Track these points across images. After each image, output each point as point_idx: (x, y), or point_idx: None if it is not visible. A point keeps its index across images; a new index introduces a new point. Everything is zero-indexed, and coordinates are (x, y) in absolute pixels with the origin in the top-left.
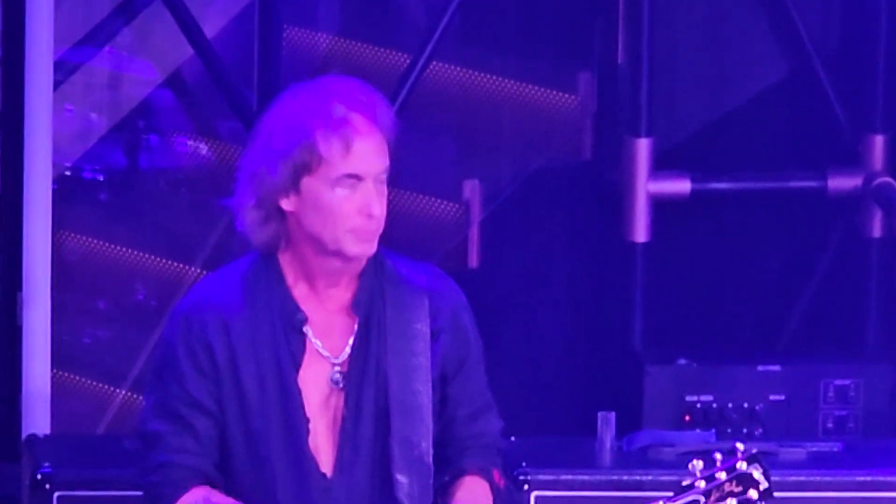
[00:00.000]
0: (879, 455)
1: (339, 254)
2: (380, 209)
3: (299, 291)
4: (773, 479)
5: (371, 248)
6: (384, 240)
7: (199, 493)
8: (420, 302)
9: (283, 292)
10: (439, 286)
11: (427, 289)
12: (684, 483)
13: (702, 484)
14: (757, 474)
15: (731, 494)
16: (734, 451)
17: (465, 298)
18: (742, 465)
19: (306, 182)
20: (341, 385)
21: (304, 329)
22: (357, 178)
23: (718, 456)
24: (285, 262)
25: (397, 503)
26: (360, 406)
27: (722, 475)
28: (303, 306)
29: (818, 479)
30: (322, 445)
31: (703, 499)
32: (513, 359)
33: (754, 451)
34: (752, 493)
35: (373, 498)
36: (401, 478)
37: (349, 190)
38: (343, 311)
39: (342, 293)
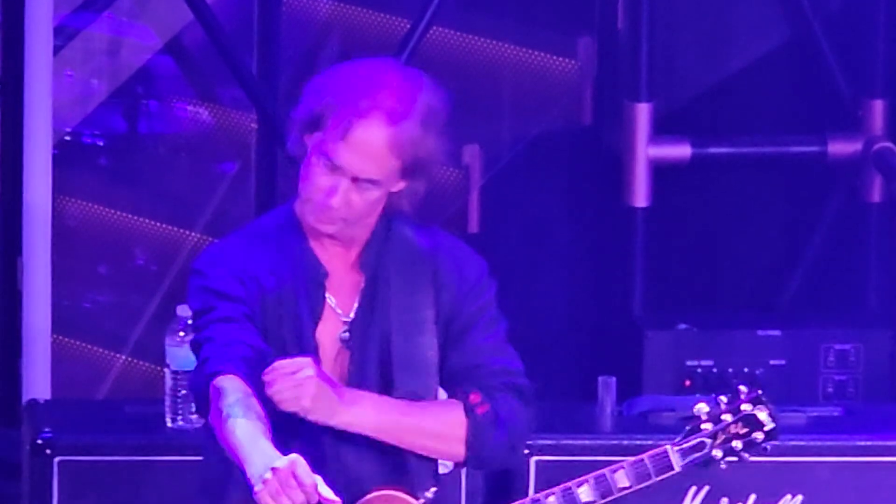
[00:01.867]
0: (879, 420)
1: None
2: (337, 202)
3: (317, 246)
4: (773, 443)
5: (326, 228)
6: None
7: (242, 389)
8: (423, 261)
9: (304, 246)
10: (443, 248)
11: (431, 248)
12: (688, 427)
13: (708, 426)
14: (762, 415)
15: (737, 436)
16: (738, 392)
17: (470, 250)
18: (747, 407)
19: (311, 137)
20: (349, 343)
21: (325, 285)
22: (334, 165)
23: (723, 398)
24: (299, 211)
25: (402, 459)
26: (364, 362)
27: (728, 417)
28: (323, 262)
29: (818, 443)
30: None
31: (709, 441)
32: (513, 324)
33: (759, 392)
34: (758, 435)
35: (380, 451)
36: None
37: (327, 169)
38: (352, 269)
39: (349, 252)
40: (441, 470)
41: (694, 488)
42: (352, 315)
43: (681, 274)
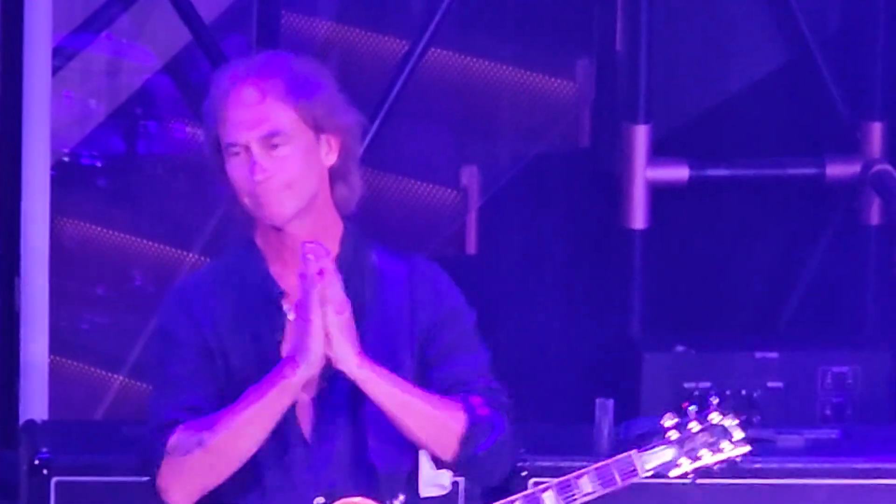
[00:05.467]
0: (877, 442)
1: (260, 221)
2: (261, 176)
3: (276, 269)
4: (771, 465)
5: (279, 211)
6: (380, 226)
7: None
8: (399, 285)
9: (261, 270)
10: (419, 270)
11: (406, 271)
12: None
13: (675, 434)
14: (731, 426)
15: (705, 444)
16: (708, 403)
17: (448, 279)
18: (715, 417)
19: (217, 152)
20: None
21: (283, 304)
22: (238, 146)
23: (693, 408)
24: (261, 241)
25: (373, 468)
26: (334, 378)
27: (694, 426)
28: (281, 283)
29: (816, 466)
30: (302, 415)
31: (674, 448)
32: (511, 345)
33: (730, 402)
34: (726, 445)
35: (351, 462)
36: (374, 444)
37: (237, 158)
38: None
39: None
40: (429, 492)
41: None
42: None
43: (679, 296)
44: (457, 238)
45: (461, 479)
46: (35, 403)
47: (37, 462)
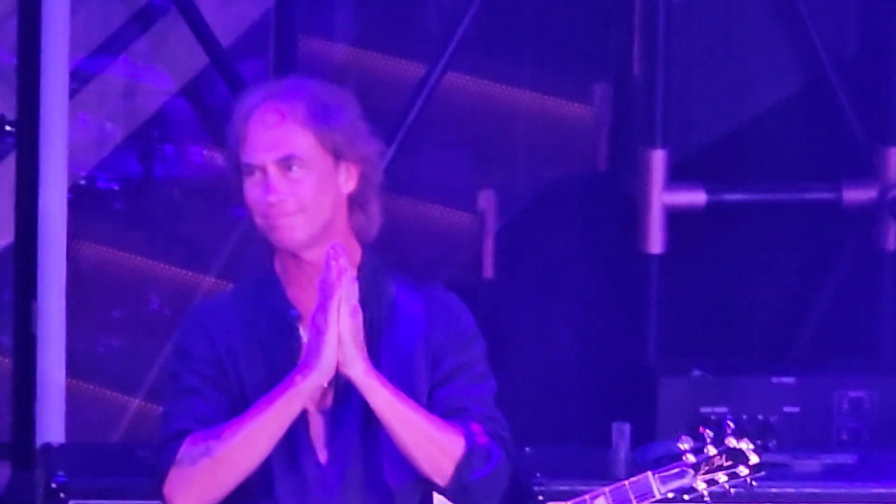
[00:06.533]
0: (894, 467)
1: (275, 246)
2: (275, 197)
3: (294, 292)
4: (787, 490)
5: (290, 235)
6: (397, 250)
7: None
8: (415, 309)
9: (277, 292)
10: (436, 296)
11: (423, 298)
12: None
13: (691, 458)
14: (747, 449)
15: (721, 468)
16: (725, 428)
17: (465, 307)
18: (731, 441)
19: (237, 172)
20: (332, 381)
21: (299, 327)
22: (254, 167)
23: (709, 432)
24: (279, 265)
25: (387, 487)
26: (348, 400)
27: (711, 449)
28: (298, 307)
29: (833, 491)
30: (315, 436)
31: (691, 471)
32: (528, 369)
33: (746, 427)
34: (742, 469)
35: (365, 482)
36: (388, 464)
37: (253, 179)
38: None
39: None
40: None
41: None
42: None
43: (695, 320)
44: (474, 262)
45: None
46: (52, 426)
47: (54, 486)
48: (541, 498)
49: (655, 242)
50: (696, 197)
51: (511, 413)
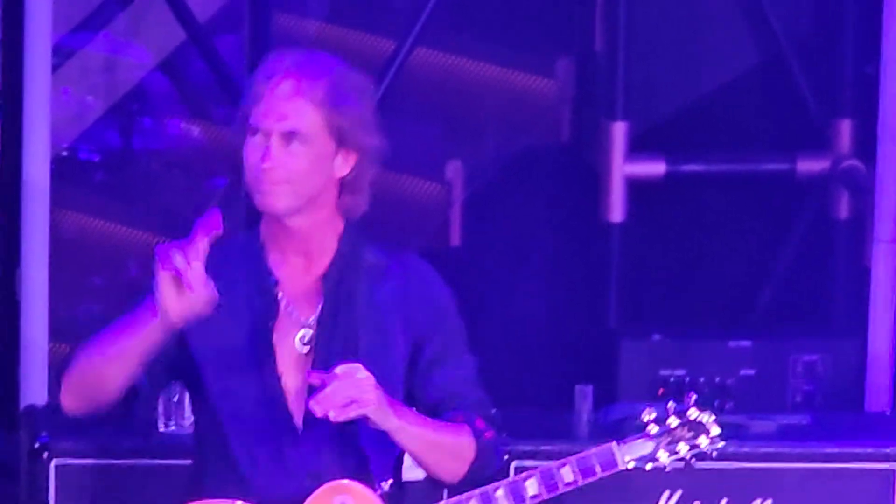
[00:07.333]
0: (845, 428)
1: (257, 209)
2: (269, 164)
3: (274, 258)
4: (743, 450)
5: (273, 202)
6: (368, 218)
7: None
8: (392, 281)
9: (258, 258)
10: (412, 268)
11: (400, 270)
12: (636, 428)
13: (654, 428)
14: (708, 421)
15: (683, 439)
16: (686, 398)
17: (439, 277)
18: (693, 412)
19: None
20: (307, 346)
21: (276, 291)
22: (259, 130)
23: (672, 404)
24: (265, 228)
25: (362, 453)
26: (326, 367)
27: (673, 421)
28: (276, 272)
29: (787, 450)
30: (294, 404)
31: (654, 442)
32: (493, 334)
33: (705, 399)
34: (703, 440)
35: (341, 448)
36: (364, 430)
37: (255, 140)
38: (315, 283)
39: (313, 265)
40: (412, 476)
41: (667, 492)
42: (311, 321)
43: (655, 286)
44: (441, 230)
45: None
46: (35, 388)
47: (37, 446)
48: (507, 457)
49: (617, 211)
50: (655, 167)
51: (479, 377)
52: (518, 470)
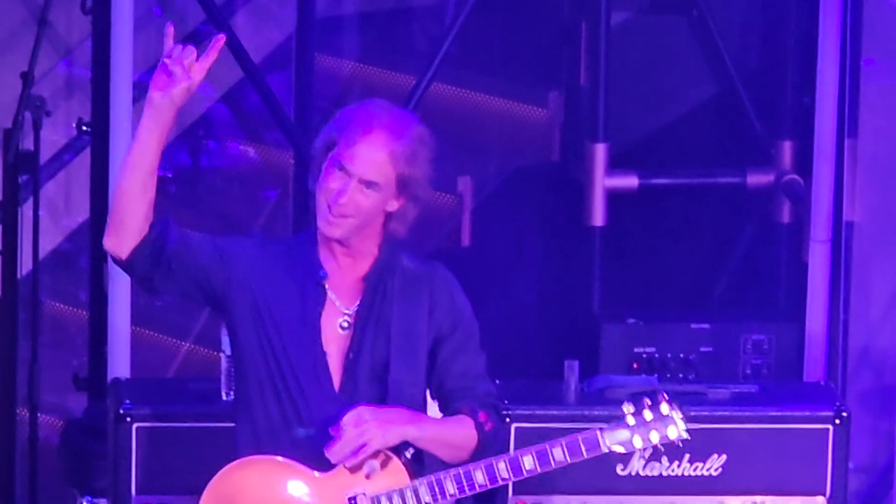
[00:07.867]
0: (787, 395)
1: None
2: (345, 200)
3: (325, 256)
4: (703, 413)
5: (332, 230)
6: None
7: None
8: (422, 282)
9: (312, 253)
10: (439, 276)
11: (428, 274)
12: (618, 417)
13: (630, 420)
14: (676, 417)
15: (655, 429)
16: (660, 394)
17: (460, 286)
18: (665, 408)
19: (326, 156)
20: (347, 330)
21: (325, 283)
22: (344, 169)
23: (648, 400)
24: (319, 233)
25: None
26: (360, 347)
27: (648, 415)
28: (326, 267)
29: (739, 413)
30: (334, 371)
31: (631, 432)
32: (496, 319)
33: (674, 396)
34: (671, 431)
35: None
36: (392, 402)
37: (339, 173)
38: (358, 279)
39: (358, 265)
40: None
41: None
42: (352, 310)
43: (630, 279)
44: (454, 233)
45: None
46: (120, 365)
47: (121, 412)
48: (508, 420)
49: (598, 217)
50: (630, 181)
51: (486, 352)
52: (518, 430)
